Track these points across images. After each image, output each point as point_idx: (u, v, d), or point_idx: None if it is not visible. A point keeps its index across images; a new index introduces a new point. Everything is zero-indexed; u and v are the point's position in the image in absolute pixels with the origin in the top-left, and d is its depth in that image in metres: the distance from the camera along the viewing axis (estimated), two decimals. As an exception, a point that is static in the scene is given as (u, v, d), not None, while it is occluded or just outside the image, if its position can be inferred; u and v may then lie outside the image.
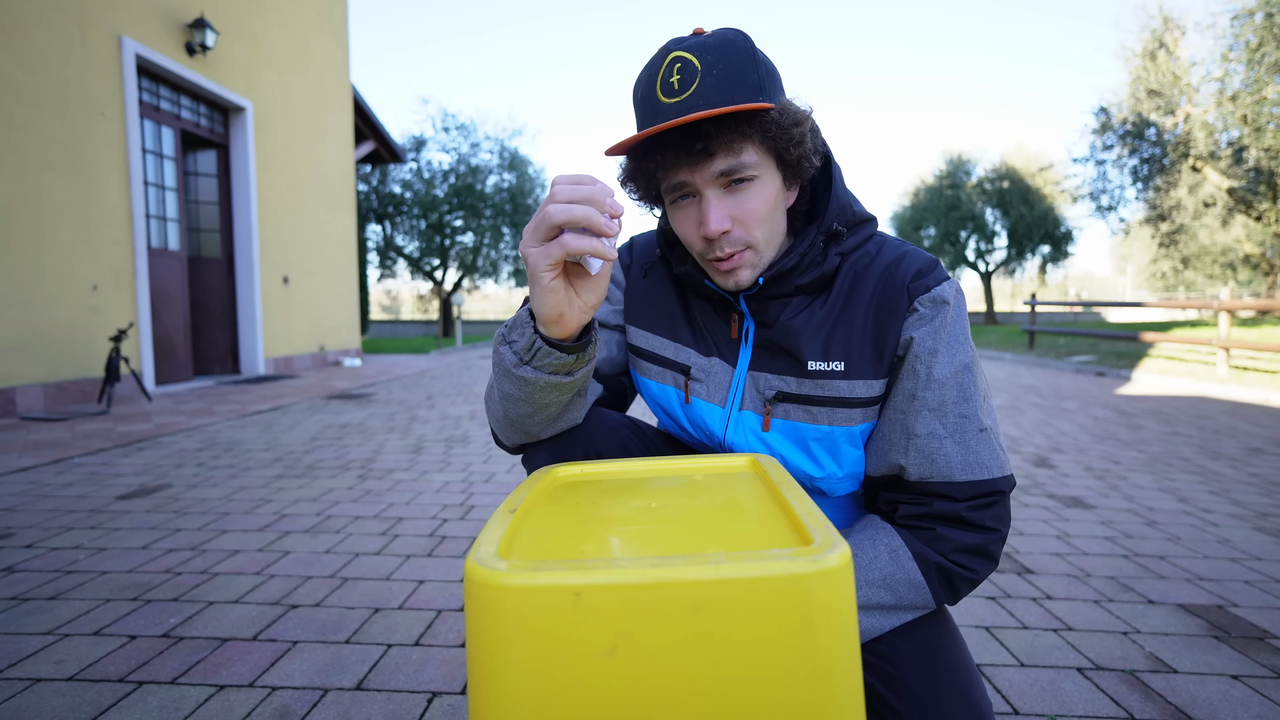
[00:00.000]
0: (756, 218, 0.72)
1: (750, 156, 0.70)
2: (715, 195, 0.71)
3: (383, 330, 21.16)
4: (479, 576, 0.42)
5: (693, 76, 0.67)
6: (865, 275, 0.77)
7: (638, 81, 0.73)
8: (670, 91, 0.68)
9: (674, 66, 0.68)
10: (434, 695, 1.20)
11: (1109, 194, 14.54)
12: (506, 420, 0.77)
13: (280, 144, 7.43)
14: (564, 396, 0.73)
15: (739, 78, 0.67)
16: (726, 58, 0.67)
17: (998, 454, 0.72)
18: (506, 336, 0.71)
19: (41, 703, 1.17)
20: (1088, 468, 2.98)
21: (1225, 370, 6.43)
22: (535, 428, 0.77)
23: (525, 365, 0.69)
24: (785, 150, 0.71)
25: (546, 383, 0.70)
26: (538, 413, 0.74)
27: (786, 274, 0.76)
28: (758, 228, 0.73)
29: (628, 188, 0.79)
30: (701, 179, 0.71)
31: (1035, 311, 10.09)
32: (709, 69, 0.67)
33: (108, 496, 2.49)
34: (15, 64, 4.36)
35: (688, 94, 0.67)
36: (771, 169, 0.72)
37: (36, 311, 4.50)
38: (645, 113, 0.71)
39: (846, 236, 0.77)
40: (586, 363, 0.71)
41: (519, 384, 0.71)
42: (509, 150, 16.77)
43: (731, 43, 0.68)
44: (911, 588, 0.70)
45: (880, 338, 0.75)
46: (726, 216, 0.71)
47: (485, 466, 2.99)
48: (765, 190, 0.72)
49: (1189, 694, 1.21)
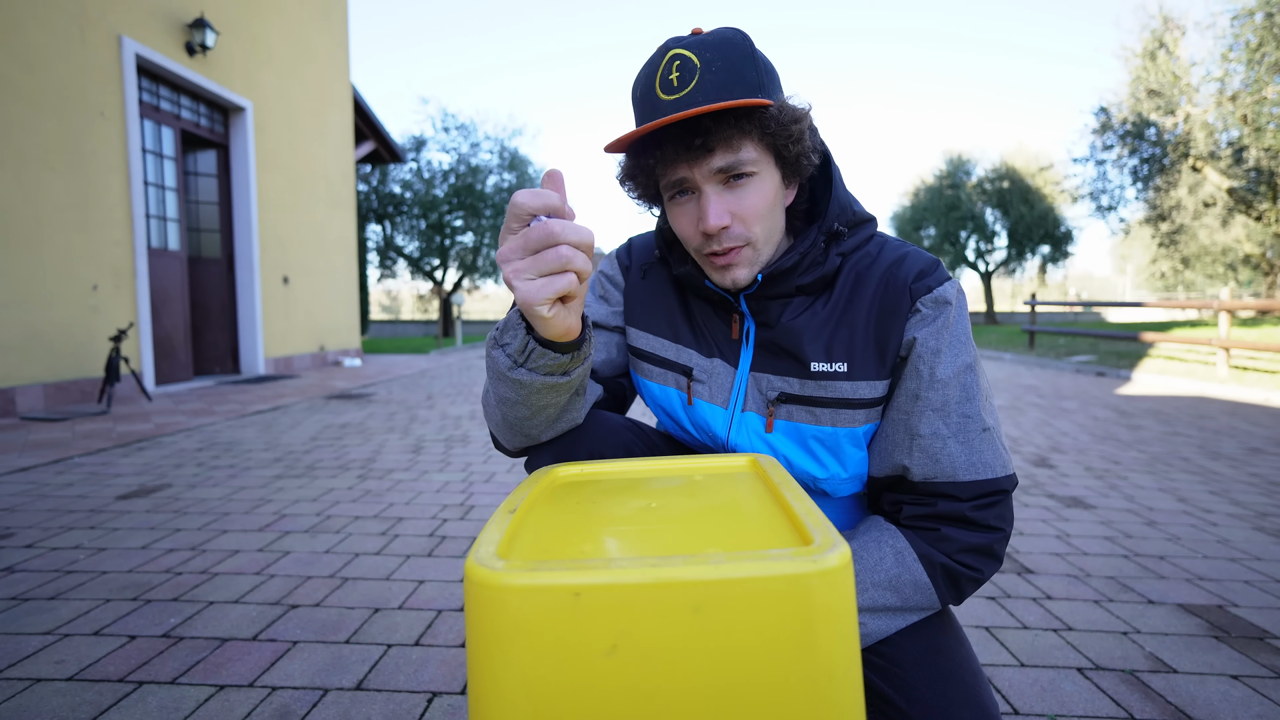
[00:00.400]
0: (755, 214, 0.72)
1: (749, 153, 0.70)
2: (714, 191, 0.71)
3: (383, 330, 21.15)
4: (479, 576, 0.42)
5: (692, 74, 0.67)
6: (867, 276, 0.77)
7: (637, 80, 0.73)
8: (669, 89, 0.68)
9: (673, 64, 0.68)
10: (434, 695, 1.20)
11: (1109, 194, 14.53)
12: (505, 424, 0.76)
13: (280, 144, 7.43)
14: (561, 397, 0.72)
15: (738, 75, 0.68)
16: (725, 55, 0.68)
17: (1001, 453, 0.73)
18: (499, 340, 0.69)
19: (41, 703, 1.17)
20: (1088, 468, 2.98)
21: (1225, 370, 6.43)
22: (535, 430, 0.76)
23: (520, 368, 0.68)
24: (784, 147, 0.71)
25: (543, 384, 0.68)
26: (535, 415, 0.73)
27: (786, 273, 0.76)
28: (756, 224, 0.73)
29: (626, 186, 0.79)
30: (700, 175, 0.71)
31: (1035, 311, 10.09)
32: (708, 66, 0.67)
33: (108, 496, 2.49)
34: (15, 64, 4.36)
35: (687, 90, 0.67)
36: (770, 166, 0.73)
37: (36, 311, 4.50)
38: (644, 110, 0.71)
39: (847, 237, 0.78)
40: (583, 361, 0.70)
41: (515, 387, 0.69)
42: (509, 150, 16.77)
43: (730, 41, 0.69)
44: (917, 589, 0.70)
45: (883, 338, 0.75)
46: (725, 212, 0.71)
47: (485, 466, 2.99)
48: (764, 187, 0.72)
49: (1189, 694, 1.21)
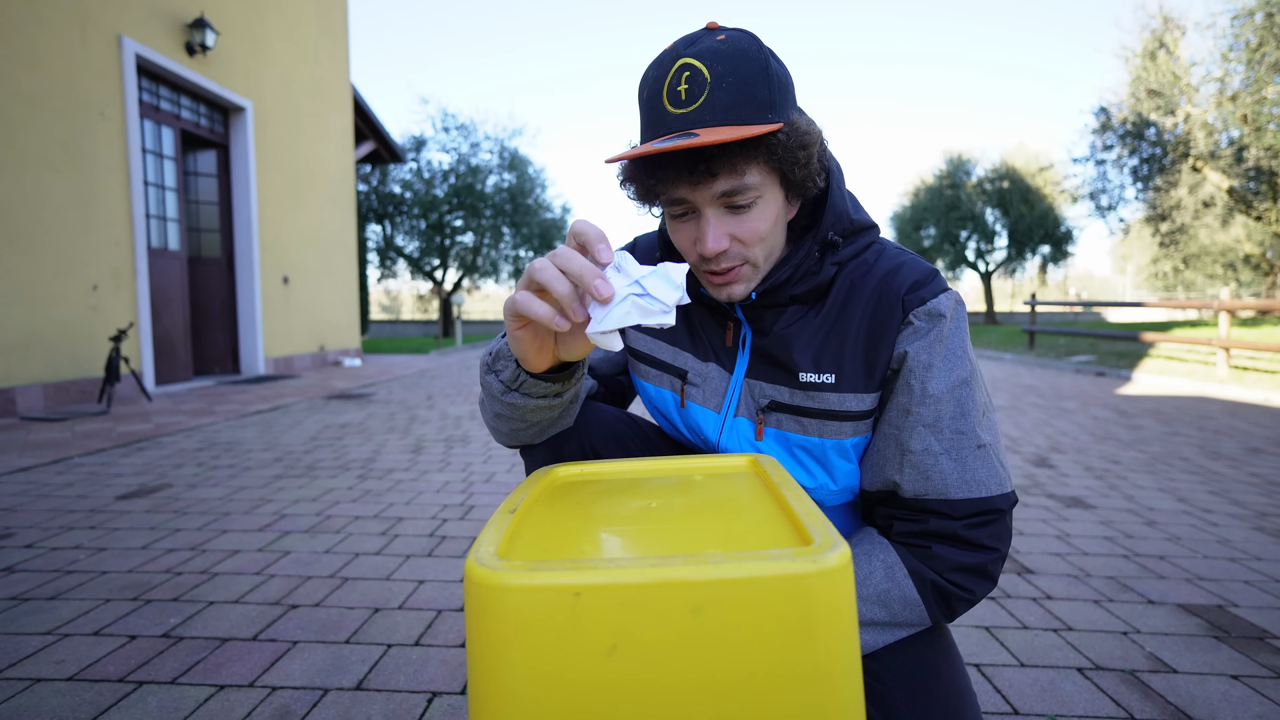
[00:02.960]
0: (757, 237, 0.70)
1: (754, 177, 0.67)
2: (715, 215, 0.69)
3: (383, 330, 21.15)
4: (479, 576, 0.42)
5: (701, 88, 0.64)
6: (861, 285, 0.76)
7: (644, 80, 0.70)
8: (678, 101, 0.65)
9: (683, 75, 0.65)
10: (434, 695, 1.20)
11: (1109, 194, 14.52)
12: (499, 431, 0.81)
13: (280, 144, 7.43)
14: (554, 413, 0.76)
15: (749, 94, 0.65)
16: (737, 70, 0.65)
17: (997, 471, 0.70)
18: (491, 366, 0.73)
19: (41, 703, 1.17)
20: (1088, 468, 2.98)
21: (1225, 370, 6.42)
22: (528, 436, 0.81)
23: (512, 392, 0.71)
24: (790, 171, 0.68)
25: (535, 405, 0.72)
26: (530, 426, 0.78)
27: (781, 285, 0.75)
28: (757, 246, 0.71)
29: (627, 187, 0.76)
30: (702, 199, 0.69)
31: (1035, 311, 10.09)
32: (719, 81, 0.64)
33: (108, 496, 2.49)
34: (15, 64, 4.36)
35: (695, 106, 0.64)
36: (775, 188, 0.70)
37: (36, 311, 4.50)
38: (651, 120, 0.68)
39: (843, 245, 0.76)
40: (574, 384, 0.73)
41: (508, 407, 0.73)
42: (509, 150, 16.76)
43: (745, 53, 0.65)
44: (907, 605, 0.69)
45: (872, 350, 0.74)
46: (725, 236, 0.70)
47: (485, 466, 2.99)
48: (767, 210, 0.70)
49: (1189, 694, 1.21)
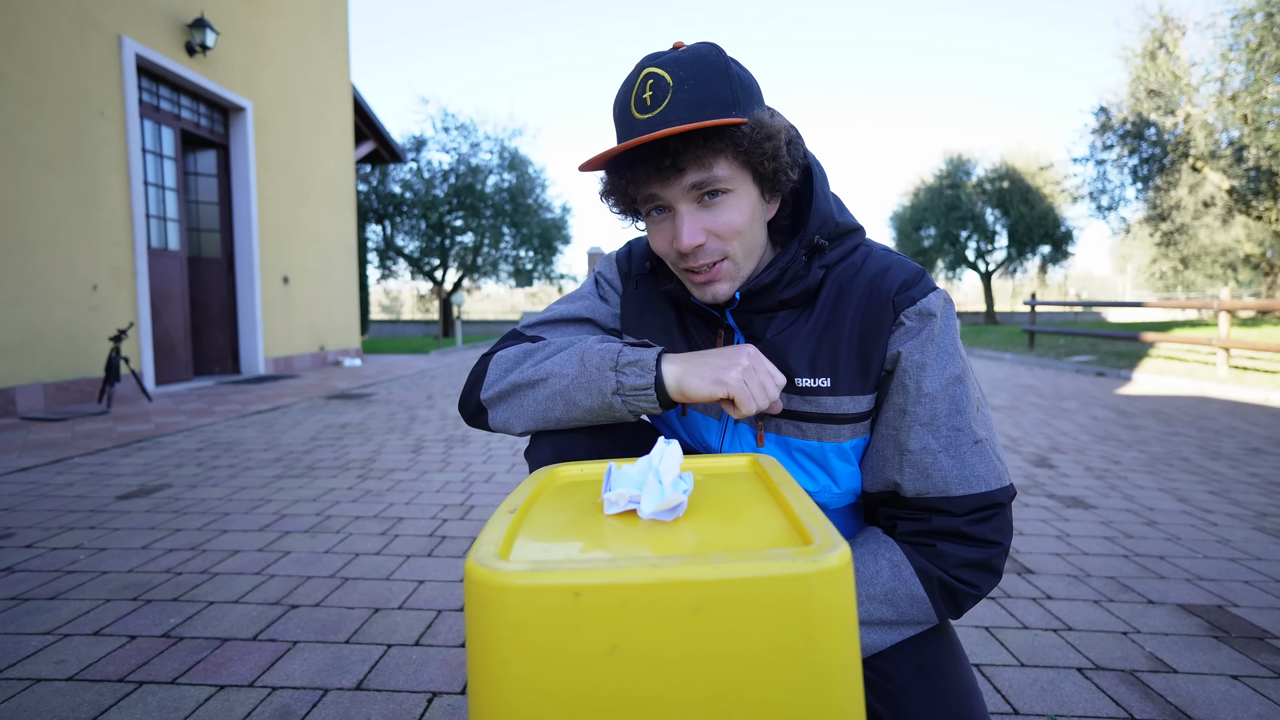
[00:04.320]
0: (732, 230, 0.72)
1: (723, 170, 0.70)
2: (688, 210, 0.72)
3: (383, 330, 21.14)
4: (479, 576, 0.42)
5: (664, 93, 0.68)
6: (850, 288, 0.76)
7: (616, 97, 0.74)
8: (643, 107, 0.69)
9: (647, 83, 0.69)
10: (434, 695, 1.20)
11: (1109, 194, 14.51)
12: (528, 414, 0.79)
13: (280, 144, 7.43)
14: (605, 421, 0.77)
15: (710, 92, 0.68)
16: (698, 73, 0.68)
17: (994, 465, 0.72)
18: (618, 365, 0.73)
19: (41, 703, 1.17)
20: (1088, 468, 2.98)
21: (1225, 370, 6.43)
22: (554, 426, 0.80)
23: (617, 395, 0.73)
24: (759, 164, 0.71)
25: (617, 415, 0.74)
26: (573, 423, 0.78)
27: (768, 288, 0.76)
28: (734, 240, 0.73)
29: (608, 201, 0.80)
30: (672, 194, 0.71)
31: (1035, 311, 10.08)
32: (680, 84, 0.68)
33: (108, 496, 2.49)
34: (15, 64, 4.36)
35: (659, 110, 0.68)
36: (747, 182, 0.72)
37: (37, 311, 4.50)
38: (622, 128, 0.72)
39: (830, 248, 0.77)
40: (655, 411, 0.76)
41: (595, 407, 0.74)
42: (509, 150, 16.76)
43: (705, 57, 0.69)
44: (914, 603, 0.70)
45: (866, 352, 0.75)
46: (700, 230, 0.72)
47: (485, 466, 2.99)
48: (740, 203, 0.72)
49: (1189, 694, 1.21)
